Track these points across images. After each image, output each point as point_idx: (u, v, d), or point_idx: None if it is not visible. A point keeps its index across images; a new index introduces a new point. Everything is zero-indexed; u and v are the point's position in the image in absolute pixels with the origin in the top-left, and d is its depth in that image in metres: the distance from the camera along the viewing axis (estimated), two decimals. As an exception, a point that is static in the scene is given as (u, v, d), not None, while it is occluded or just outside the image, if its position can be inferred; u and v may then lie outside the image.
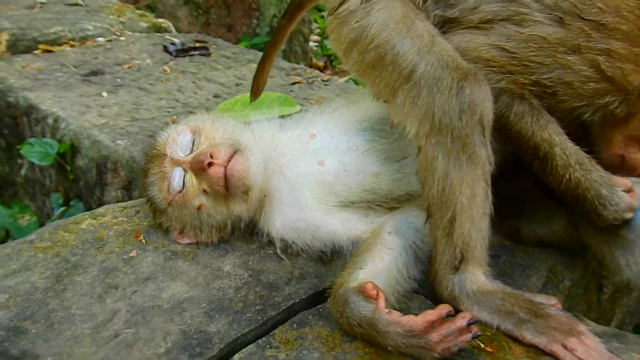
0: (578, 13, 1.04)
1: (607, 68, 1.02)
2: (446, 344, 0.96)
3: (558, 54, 1.04)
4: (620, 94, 1.05)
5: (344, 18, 1.16)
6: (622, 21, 1.01)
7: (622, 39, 1.01)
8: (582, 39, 1.03)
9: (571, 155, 1.12)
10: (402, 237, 1.20)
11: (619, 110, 1.07)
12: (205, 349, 1.01)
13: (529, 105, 1.09)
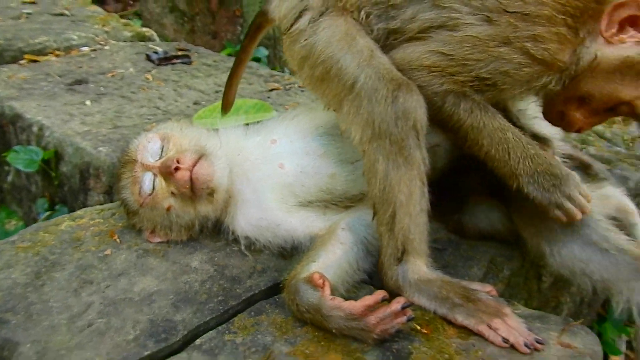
0: (503, 8, 1.16)
1: (536, 52, 1.14)
2: (383, 325, 1.08)
3: (490, 48, 1.16)
4: (554, 72, 1.18)
5: (295, 37, 1.28)
6: (543, 7, 1.13)
7: (544, 24, 1.14)
8: (509, 31, 1.15)
9: (522, 136, 1.24)
10: (354, 233, 1.33)
11: (557, 87, 1.20)
12: (170, 335, 1.13)
13: (473, 101, 1.22)
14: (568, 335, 1.13)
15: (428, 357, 1.07)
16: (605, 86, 1.17)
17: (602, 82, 1.16)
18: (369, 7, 1.24)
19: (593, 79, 1.16)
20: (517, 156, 1.21)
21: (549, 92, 1.22)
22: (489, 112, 1.21)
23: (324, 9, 1.25)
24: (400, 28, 1.22)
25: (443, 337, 1.13)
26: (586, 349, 1.10)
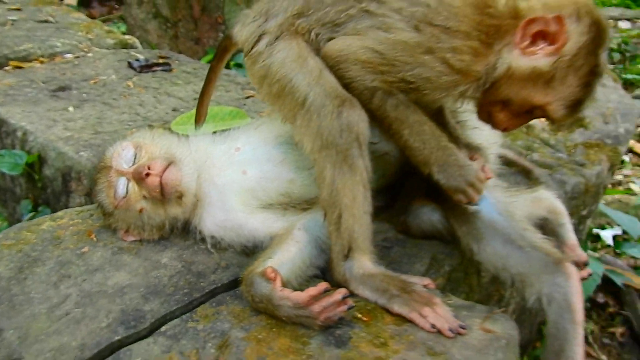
0: (429, 20, 1.32)
1: (455, 62, 1.30)
2: (327, 313, 1.24)
3: (417, 54, 1.32)
4: (470, 81, 1.34)
5: (255, 58, 1.44)
6: (461, 23, 1.30)
7: (462, 38, 1.30)
8: (433, 41, 1.31)
9: (436, 130, 1.41)
10: (309, 233, 1.48)
11: (475, 95, 1.37)
12: (139, 323, 1.28)
13: (398, 99, 1.37)
14: (490, 322, 1.29)
15: (365, 341, 1.23)
16: (520, 92, 1.33)
17: (517, 89, 1.33)
18: (317, 29, 1.40)
19: (510, 85, 1.33)
20: (430, 147, 1.38)
21: (473, 97, 1.38)
22: (410, 107, 1.37)
23: (279, 33, 1.41)
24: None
25: (381, 324, 1.28)
26: (504, 334, 1.26)
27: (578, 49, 1.27)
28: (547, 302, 1.42)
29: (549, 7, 1.29)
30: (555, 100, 1.32)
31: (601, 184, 2.11)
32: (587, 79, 1.30)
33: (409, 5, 1.32)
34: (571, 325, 1.40)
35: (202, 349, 1.21)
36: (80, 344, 1.22)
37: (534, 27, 1.28)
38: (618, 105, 2.38)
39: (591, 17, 1.28)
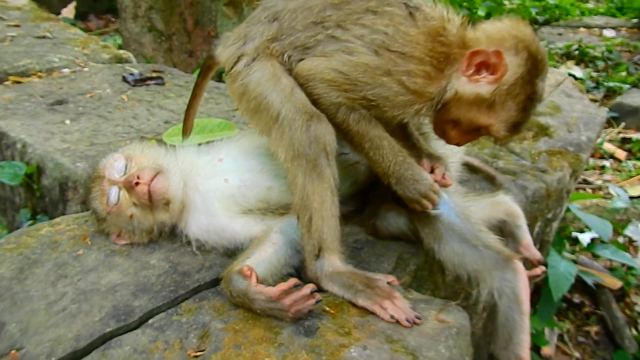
0: (387, 47, 1.48)
1: (409, 84, 1.47)
2: (297, 306, 1.39)
3: (376, 76, 1.48)
4: (424, 101, 1.50)
5: (234, 77, 1.61)
6: (415, 50, 1.46)
7: (416, 62, 1.46)
8: (391, 65, 1.47)
9: (394, 147, 1.56)
10: (285, 235, 1.63)
11: (428, 113, 1.52)
12: (129, 317, 1.43)
13: (360, 114, 1.53)
14: (445, 313, 1.45)
15: (331, 331, 1.38)
16: (467, 114, 1.50)
17: (464, 111, 1.49)
18: (289, 51, 1.56)
19: (458, 107, 1.49)
20: (389, 160, 1.54)
21: (426, 116, 1.54)
22: (372, 123, 1.53)
23: (256, 55, 1.58)
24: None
25: (346, 315, 1.44)
26: (456, 323, 1.41)
27: (515, 79, 1.44)
28: (498, 296, 1.57)
29: (492, 40, 1.45)
30: (497, 122, 1.48)
31: (563, 189, 2.27)
32: (525, 104, 1.47)
33: (370, 32, 1.48)
34: (519, 316, 1.55)
35: (185, 339, 1.36)
36: (76, 335, 1.37)
37: (477, 58, 1.44)
38: (582, 115, 2.54)
39: (528, 52, 1.45)
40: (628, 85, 5.84)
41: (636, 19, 7.65)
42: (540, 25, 7.93)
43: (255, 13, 1.67)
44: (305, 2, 1.56)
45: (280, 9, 1.58)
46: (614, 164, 4.67)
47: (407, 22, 1.48)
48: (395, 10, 1.49)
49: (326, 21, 1.52)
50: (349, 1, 1.52)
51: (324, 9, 1.53)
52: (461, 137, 1.57)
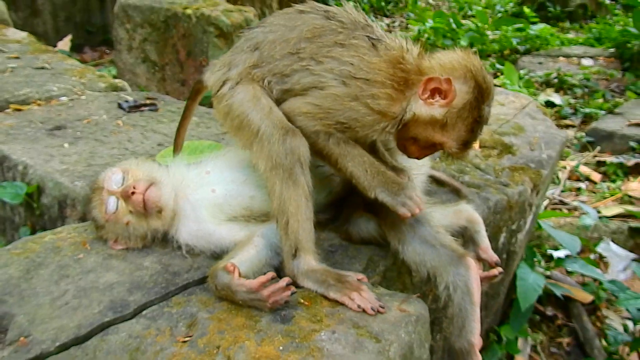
0: (353, 75, 1.72)
1: (374, 106, 1.70)
2: (274, 297, 1.58)
3: (345, 102, 1.71)
4: (388, 120, 1.73)
5: (220, 99, 1.84)
6: (377, 75, 1.70)
7: (379, 86, 1.70)
8: (357, 91, 1.70)
9: (374, 162, 1.78)
10: (266, 239, 1.84)
11: (392, 130, 1.75)
12: (125, 309, 1.62)
13: (338, 137, 1.76)
14: (406, 304, 1.65)
15: (305, 319, 1.58)
16: (424, 132, 1.73)
17: (421, 130, 1.73)
18: (269, 77, 1.81)
19: (415, 127, 1.73)
20: (372, 173, 1.75)
21: (391, 133, 1.77)
22: (350, 143, 1.76)
23: (239, 79, 1.82)
24: (290, 88, 1.79)
25: (319, 306, 1.63)
26: (416, 313, 1.62)
27: (464, 104, 1.68)
28: (453, 289, 1.77)
29: (444, 69, 1.70)
30: (449, 140, 1.72)
31: (525, 202, 2.50)
32: (472, 126, 1.71)
33: (339, 64, 1.73)
34: (470, 306, 1.75)
35: (174, 327, 1.55)
36: (77, 325, 1.55)
37: (431, 84, 1.69)
38: (544, 135, 2.79)
39: (475, 80, 1.69)
40: (604, 111, 6.15)
41: (613, 48, 8.05)
42: (521, 54, 8.31)
43: (238, 43, 1.92)
44: (282, 34, 1.81)
45: (261, 40, 1.83)
46: (589, 186, 4.92)
47: (370, 52, 1.73)
48: (360, 42, 1.74)
49: (301, 52, 1.76)
50: (320, 35, 1.77)
51: (299, 42, 1.78)
52: (420, 152, 1.80)
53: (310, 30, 1.78)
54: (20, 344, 1.49)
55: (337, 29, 1.77)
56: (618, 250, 3.73)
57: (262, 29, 1.86)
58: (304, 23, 1.80)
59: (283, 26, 1.82)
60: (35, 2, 7.02)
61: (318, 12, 1.82)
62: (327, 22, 1.79)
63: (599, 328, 3.32)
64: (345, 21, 1.79)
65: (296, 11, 1.85)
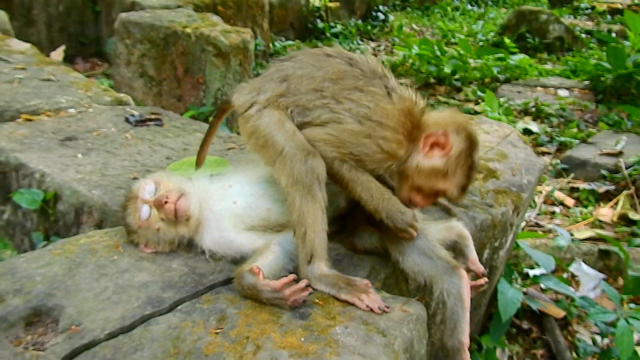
0: (369, 117, 2.02)
1: (384, 146, 2.00)
2: (294, 297, 1.85)
3: (360, 138, 2.01)
4: (395, 160, 2.03)
5: (247, 119, 2.12)
6: (390, 120, 2.00)
7: (390, 130, 2.00)
8: (371, 130, 2.00)
9: (380, 188, 2.07)
10: (282, 247, 2.10)
11: (395, 170, 2.05)
12: (161, 304, 1.86)
13: (351, 165, 2.05)
14: (407, 305, 1.93)
15: (320, 316, 1.84)
16: (427, 182, 2.04)
17: (424, 180, 2.04)
18: (293, 108, 2.09)
19: (419, 177, 2.04)
20: (378, 199, 2.04)
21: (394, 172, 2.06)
22: (360, 170, 2.05)
23: (267, 104, 2.10)
24: (310, 121, 2.08)
25: (332, 306, 1.90)
26: (416, 313, 1.90)
27: (459, 152, 2.01)
28: (447, 295, 2.06)
29: (440, 124, 2.03)
30: (450, 186, 2.04)
31: (507, 221, 2.81)
32: (468, 172, 2.04)
33: (357, 106, 2.02)
34: (462, 310, 2.04)
35: (206, 320, 1.80)
36: (121, 316, 1.79)
37: (430, 139, 2.01)
38: (524, 162, 3.13)
39: (466, 132, 2.03)
40: (578, 140, 6.59)
41: (587, 81, 8.57)
42: (501, 83, 8.77)
43: (269, 71, 2.20)
44: (310, 72, 2.10)
45: (290, 73, 2.12)
46: (563, 210, 5.30)
47: (385, 100, 2.03)
48: (377, 90, 2.05)
49: (324, 91, 2.05)
50: (343, 78, 2.06)
51: (324, 81, 2.07)
52: (424, 202, 2.11)
53: (334, 72, 2.07)
54: (73, 332, 1.72)
55: (358, 75, 2.07)
56: (589, 270, 4.08)
57: (293, 64, 2.14)
58: (329, 65, 2.09)
59: (311, 65, 2.11)
60: (31, 12, 7.20)
61: (343, 58, 2.12)
62: (349, 68, 2.09)
63: (570, 342, 3.64)
64: (365, 69, 2.09)
65: (324, 53, 2.15)
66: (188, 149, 3.45)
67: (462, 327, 2.03)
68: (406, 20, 13.97)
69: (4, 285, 1.88)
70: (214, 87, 5.58)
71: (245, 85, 2.23)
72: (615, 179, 5.58)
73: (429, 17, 14.86)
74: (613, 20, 13.78)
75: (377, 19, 12.32)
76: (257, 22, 8.53)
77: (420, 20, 14.46)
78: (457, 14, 15.69)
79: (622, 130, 6.80)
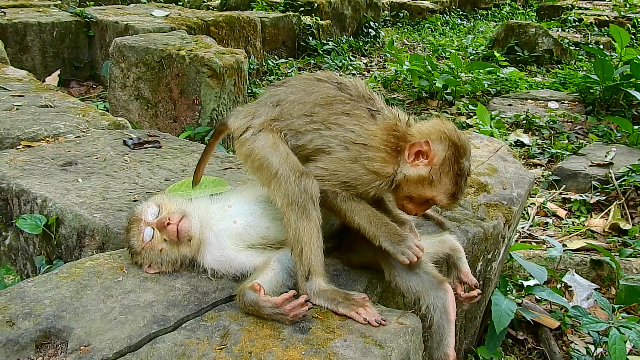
0: (354, 141, 2.13)
1: (370, 167, 2.10)
2: (294, 312, 1.94)
3: (347, 164, 2.11)
4: (383, 179, 2.13)
5: (242, 142, 2.22)
6: (373, 141, 2.10)
7: (374, 150, 2.10)
8: (357, 154, 2.11)
9: (377, 213, 2.17)
10: (281, 264, 2.19)
11: (387, 187, 2.15)
12: (166, 323, 1.95)
13: (343, 196, 2.14)
14: (403, 318, 2.02)
15: (320, 330, 1.93)
16: (416, 190, 2.13)
17: (413, 188, 2.13)
18: (286, 131, 2.20)
19: (408, 186, 2.13)
20: (376, 226, 2.13)
21: (385, 190, 2.15)
22: (354, 200, 2.15)
23: (261, 128, 2.21)
24: (302, 145, 2.19)
25: (331, 320, 1.99)
26: (411, 325, 1.99)
27: (443, 161, 2.10)
28: (433, 309, 2.15)
29: (423, 134, 2.13)
30: (438, 194, 2.13)
31: (499, 234, 2.92)
32: (455, 179, 2.12)
33: (343, 132, 2.14)
34: (447, 323, 2.12)
35: (210, 337, 1.89)
36: (128, 335, 1.87)
37: (414, 148, 2.11)
38: (514, 176, 3.25)
39: (450, 140, 2.11)
40: (568, 152, 6.73)
41: (577, 93, 8.75)
42: (492, 96, 8.94)
43: (263, 97, 2.31)
44: (301, 97, 2.21)
45: (283, 98, 2.23)
46: (556, 221, 5.42)
47: (369, 122, 2.15)
48: (362, 112, 2.16)
49: (314, 116, 2.17)
50: (332, 103, 2.18)
51: (314, 106, 2.18)
52: (417, 209, 2.20)
53: (323, 98, 2.19)
54: (83, 352, 1.80)
55: (345, 100, 2.19)
56: (581, 280, 4.18)
57: (285, 89, 2.26)
58: (319, 90, 2.21)
59: (302, 90, 2.23)
60: (25, 38, 7.33)
61: (332, 83, 2.24)
62: (338, 93, 2.20)
63: (565, 351, 3.72)
64: (353, 93, 2.21)
65: (315, 78, 2.26)
66: (186, 170, 3.54)
67: (448, 340, 2.11)
68: (397, 36, 14.21)
69: (14, 309, 1.96)
70: (209, 107, 5.70)
71: (241, 109, 2.34)
72: (606, 189, 5.71)
73: (420, 32, 15.11)
74: (600, 32, 14.06)
75: (369, 35, 12.54)
76: (250, 41, 8.70)
77: (411, 36, 14.70)
78: (447, 29, 15.97)
79: (611, 141, 6.95)
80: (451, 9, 18.00)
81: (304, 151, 2.19)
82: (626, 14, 15.00)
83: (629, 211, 5.38)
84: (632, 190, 5.57)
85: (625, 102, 7.96)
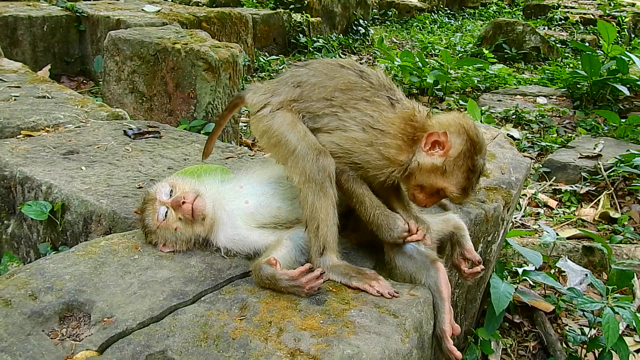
0: (371, 125, 2.20)
1: (385, 153, 2.17)
2: (310, 284, 2.01)
3: (362, 146, 2.18)
4: (397, 166, 2.20)
5: (260, 118, 2.29)
6: (391, 128, 2.18)
7: (391, 137, 2.18)
8: (373, 138, 2.18)
9: (374, 201, 2.24)
10: (293, 241, 2.26)
11: (399, 175, 2.22)
12: (185, 297, 2.01)
13: (349, 175, 2.21)
14: (414, 290, 2.11)
15: (335, 302, 2.01)
16: (428, 179, 2.20)
17: (425, 177, 2.20)
18: (304, 113, 2.27)
19: (421, 175, 2.20)
20: (369, 213, 2.21)
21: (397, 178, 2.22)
22: (357, 182, 2.22)
23: (280, 106, 2.27)
24: (319, 128, 2.25)
25: (345, 293, 2.07)
26: (422, 296, 2.08)
27: (458, 154, 2.15)
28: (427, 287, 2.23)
29: (442, 125, 2.19)
30: (450, 185, 2.18)
31: (499, 216, 3.02)
32: (467, 174, 2.17)
33: (361, 115, 2.20)
34: (440, 301, 2.20)
35: (230, 309, 1.95)
36: (149, 308, 1.93)
37: (432, 137, 2.17)
38: (512, 161, 3.36)
39: (467, 134, 2.17)
40: (558, 145, 6.88)
41: (564, 88, 8.94)
42: (482, 92, 9.10)
43: (285, 76, 2.38)
44: (322, 80, 2.27)
45: (304, 80, 2.29)
46: (547, 212, 5.55)
47: (388, 110, 2.21)
48: (382, 100, 2.23)
49: (334, 100, 2.23)
50: (352, 89, 2.24)
51: (334, 91, 2.24)
52: (427, 200, 2.26)
53: (345, 83, 2.26)
54: (106, 322, 1.85)
55: (366, 87, 2.25)
56: (574, 266, 4.31)
57: (307, 71, 2.33)
58: (341, 76, 2.28)
59: (324, 74, 2.29)
60: (15, 32, 7.31)
61: (354, 70, 2.30)
62: (359, 80, 2.27)
63: (560, 333, 3.85)
64: (374, 82, 2.27)
65: (338, 64, 2.33)
66: (188, 159, 3.60)
67: (443, 317, 2.19)
68: (386, 34, 14.35)
69: (36, 284, 2.01)
70: (204, 101, 5.73)
71: (260, 85, 2.40)
72: (595, 180, 5.86)
73: (409, 31, 15.27)
74: (586, 30, 14.34)
75: (358, 33, 12.66)
76: (241, 37, 8.74)
77: (399, 34, 14.84)
78: (435, 27, 16.15)
79: (599, 134, 7.13)
80: (439, 8, 18.22)
81: (320, 133, 2.25)
82: (611, 13, 15.30)
83: (617, 200, 5.54)
84: (621, 180, 5.74)
85: (612, 97, 8.16)
